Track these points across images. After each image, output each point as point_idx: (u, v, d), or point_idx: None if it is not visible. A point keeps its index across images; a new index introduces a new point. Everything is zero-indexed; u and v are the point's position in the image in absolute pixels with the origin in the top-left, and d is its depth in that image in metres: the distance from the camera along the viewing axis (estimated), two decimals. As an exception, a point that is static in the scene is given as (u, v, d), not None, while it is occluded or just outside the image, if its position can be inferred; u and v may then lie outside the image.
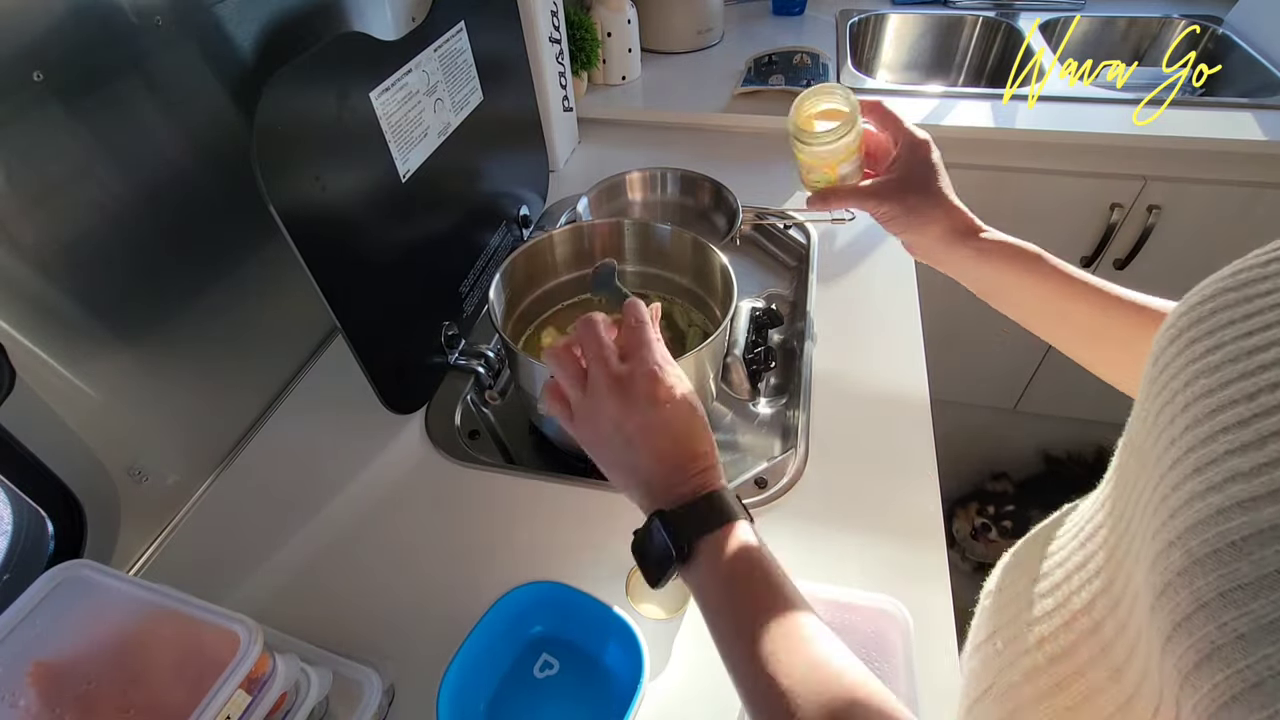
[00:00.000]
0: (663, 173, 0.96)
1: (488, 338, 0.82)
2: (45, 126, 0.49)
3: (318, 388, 0.78)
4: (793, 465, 0.66)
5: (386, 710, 0.51)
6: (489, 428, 0.76)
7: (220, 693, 0.37)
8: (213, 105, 0.62)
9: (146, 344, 0.60)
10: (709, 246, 0.70)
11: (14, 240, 0.49)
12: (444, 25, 0.70)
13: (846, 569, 0.57)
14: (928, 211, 0.52)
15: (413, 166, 0.68)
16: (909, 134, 0.53)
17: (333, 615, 0.57)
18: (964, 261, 0.52)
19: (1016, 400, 1.51)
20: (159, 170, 0.58)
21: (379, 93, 0.62)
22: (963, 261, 0.52)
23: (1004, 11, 1.44)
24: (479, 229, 0.85)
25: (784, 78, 1.19)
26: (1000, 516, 1.42)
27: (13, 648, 0.39)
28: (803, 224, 0.94)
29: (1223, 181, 1.09)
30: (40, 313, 0.51)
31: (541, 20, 0.94)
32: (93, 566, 0.43)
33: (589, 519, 0.63)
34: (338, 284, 0.58)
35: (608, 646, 0.53)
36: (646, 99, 1.25)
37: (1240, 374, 0.21)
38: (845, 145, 0.53)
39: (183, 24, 0.57)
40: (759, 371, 0.77)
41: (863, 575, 0.57)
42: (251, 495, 0.68)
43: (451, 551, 0.61)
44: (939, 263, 0.54)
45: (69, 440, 0.54)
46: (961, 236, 0.51)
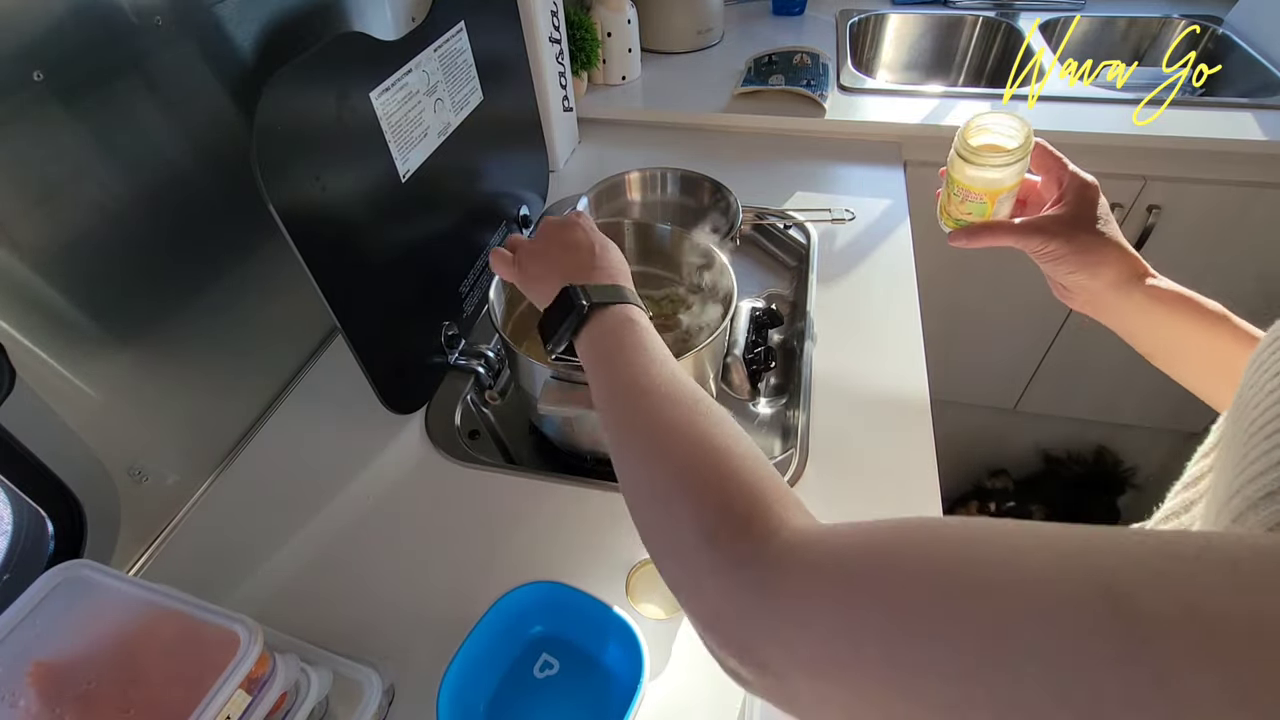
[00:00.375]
0: (662, 173, 0.96)
1: (488, 338, 0.82)
2: (45, 126, 0.49)
3: (318, 388, 0.78)
4: (793, 465, 0.66)
5: (386, 710, 0.51)
6: (489, 428, 0.76)
7: (220, 693, 0.37)
8: (213, 105, 0.62)
9: (146, 344, 0.60)
10: (709, 247, 0.70)
11: (14, 240, 0.49)
12: (444, 25, 0.70)
13: (846, 569, 0.57)
14: (1100, 251, 0.47)
15: (413, 166, 0.68)
16: (1075, 175, 0.49)
17: (333, 615, 0.57)
18: (1137, 311, 0.47)
19: (1016, 400, 1.51)
20: (159, 170, 0.58)
21: (379, 93, 0.62)
22: (1136, 311, 0.47)
23: (1004, 11, 1.44)
24: (479, 229, 0.85)
25: (784, 78, 1.19)
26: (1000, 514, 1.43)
27: (13, 648, 0.39)
28: (803, 224, 0.94)
29: (1222, 181, 1.09)
30: (40, 313, 0.51)
31: (541, 20, 0.94)
32: (93, 566, 0.43)
33: (589, 519, 0.63)
34: (338, 284, 0.58)
35: (608, 646, 0.53)
36: (646, 99, 1.25)
37: None
38: (1015, 172, 0.47)
39: (183, 24, 0.57)
40: (759, 371, 0.77)
41: (863, 575, 0.57)
42: (251, 495, 0.68)
43: (451, 551, 0.61)
44: (1105, 311, 0.50)
45: (69, 440, 0.54)
46: (1137, 282, 0.47)
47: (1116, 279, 0.47)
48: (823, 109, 1.14)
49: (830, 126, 1.14)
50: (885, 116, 1.13)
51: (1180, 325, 0.46)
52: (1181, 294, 0.46)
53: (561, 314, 0.44)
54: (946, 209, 0.51)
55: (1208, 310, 0.45)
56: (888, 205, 0.99)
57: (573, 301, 0.43)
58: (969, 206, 0.49)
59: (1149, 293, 0.46)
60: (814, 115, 1.14)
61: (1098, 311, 0.50)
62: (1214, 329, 0.45)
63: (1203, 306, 0.45)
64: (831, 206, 0.94)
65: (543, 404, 0.58)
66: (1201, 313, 0.45)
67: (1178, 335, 0.46)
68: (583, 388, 0.58)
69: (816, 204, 0.98)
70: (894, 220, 0.96)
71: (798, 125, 1.15)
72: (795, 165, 1.10)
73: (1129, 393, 1.41)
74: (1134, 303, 0.47)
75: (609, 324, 0.42)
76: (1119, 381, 1.39)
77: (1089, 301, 0.50)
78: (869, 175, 1.07)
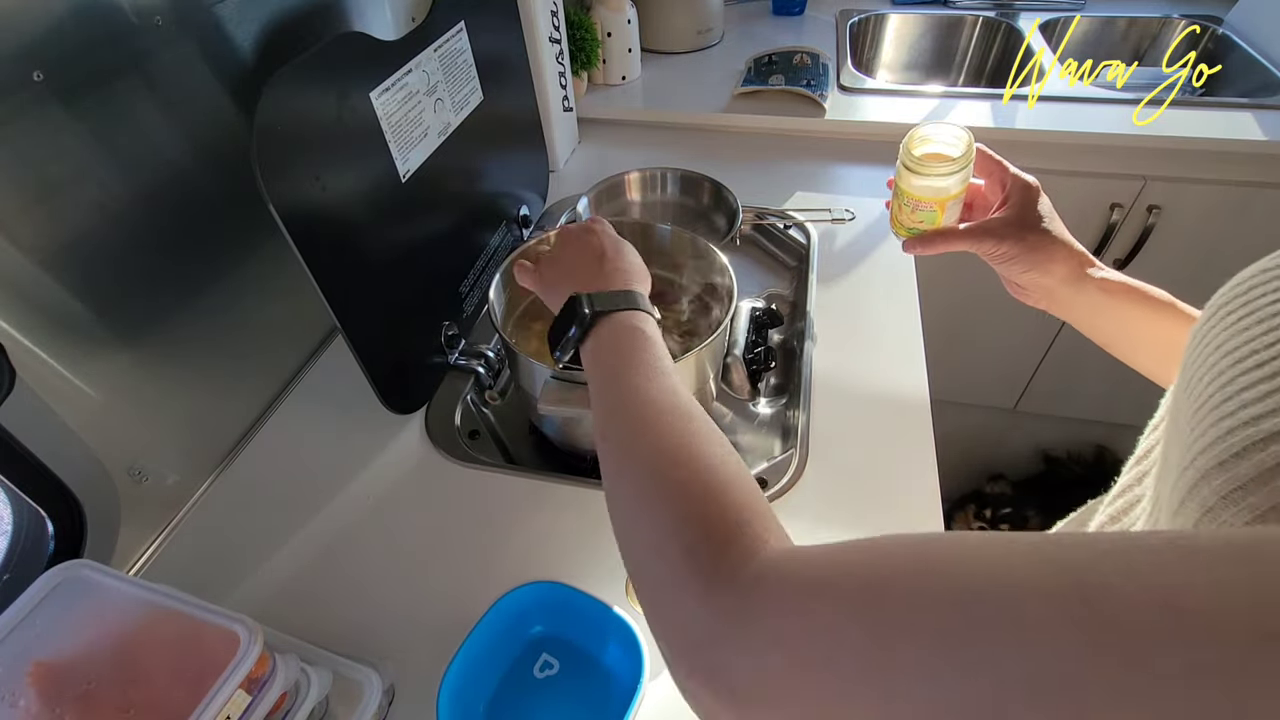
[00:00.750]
0: (662, 173, 0.96)
1: (488, 338, 0.82)
2: (45, 126, 0.49)
3: (318, 388, 0.78)
4: (793, 465, 0.66)
5: (386, 710, 0.51)
6: (489, 428, 0.76)
7: (220, 693, 0.37)
8: (213, 105, 0.62)
9: (146, 344, 0.60)
10: (709, 246, 0.70)
11: (14, 240, 0.49)
12: (444, 25, 0.70)
13: (846, 569, 0.57)
14: (1049, 248, 0.49)
15: (413, 166, 0.68)
16: (1017, 177, 0.51)
17: (333, 615, 0.57)
18: (1089, 304, 0.49)
19: (1016, 400, 1.51)
20: (159, 170, 0.58)
21: (379, 93, 0.62)
22: (1088, 304, 0.49)
23: (1004, 11, 1.44)
24: (479, 229, 0.85)
25: (784, 78, 1.19)
26: (998, 520, 1.42)
27: (13, 648, 0.39)
28: (803, 224, 0.94)
29: (1222, 181, 1.09)
30: (40, 313, 0.51)
31: (541, 20, 0.94)
32: (93, 566, 0.43)
33: (589, 519, 0.63)
34: (338, 284, 0.58)
35: (608, 646, 0.53)
36: (646, 99, 1.25)
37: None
38: (960, 179, 0.49)
39: (183, 24, 0.57)
40: (759, 371, 0.77)
41: (863, 575, 0.57)
42: (251, 495, 0.68)
43: (451, 551, 0.61)
44: (1060, 305, 0.51)
45: (69, 440, 0.54)
46: (1087, 276, 0.49)
47: (1068, 274, 0.49)
48: (823, 109, 1.14)
49: (830, 126, 1.14)
50: (885, 116, 1.13)
51: (1131, 313, 0.48)
52: (1129, 284, 0.48)
53: (566, 323, 0.44)
54: (898, 219, 0.53)
55: (1155, 298, 0.47)
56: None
57: (576, 311, 0.43)
58: (920, 215, 0.50)
59: (1100, 285, 0.48)
60: (814, 115, 1.14)
61: (1053, 306, 0.52)
62: (1162, 314, 0.47)
63: (1150, 295, 0.48)
64: (831, 206, 0.94)
65: (543, 404, 0.58)
66: (1150, 301, 0.47)
67: (1130, 323, 0.48)
68: (583, 388, 0.58)
69: (816, 204, 0.98)
70: (894, 220, 0.96)
71: (798, 125, 1.15)
72: (795, 165, 1.10)
73: (1129, 392, 1.41)
74: (1087, 295, 0.49)
75: (611, 333, 0.42)
76: (1119, 381, 1.38)
77: (1044, 297, 0.52)
78: (869, 175, 1.07)
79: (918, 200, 0.50)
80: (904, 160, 0.49)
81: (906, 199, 0.50)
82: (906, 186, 0.50)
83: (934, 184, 0.48)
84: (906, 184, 0.50)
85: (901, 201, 0.51)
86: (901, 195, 0.51)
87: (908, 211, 0.51)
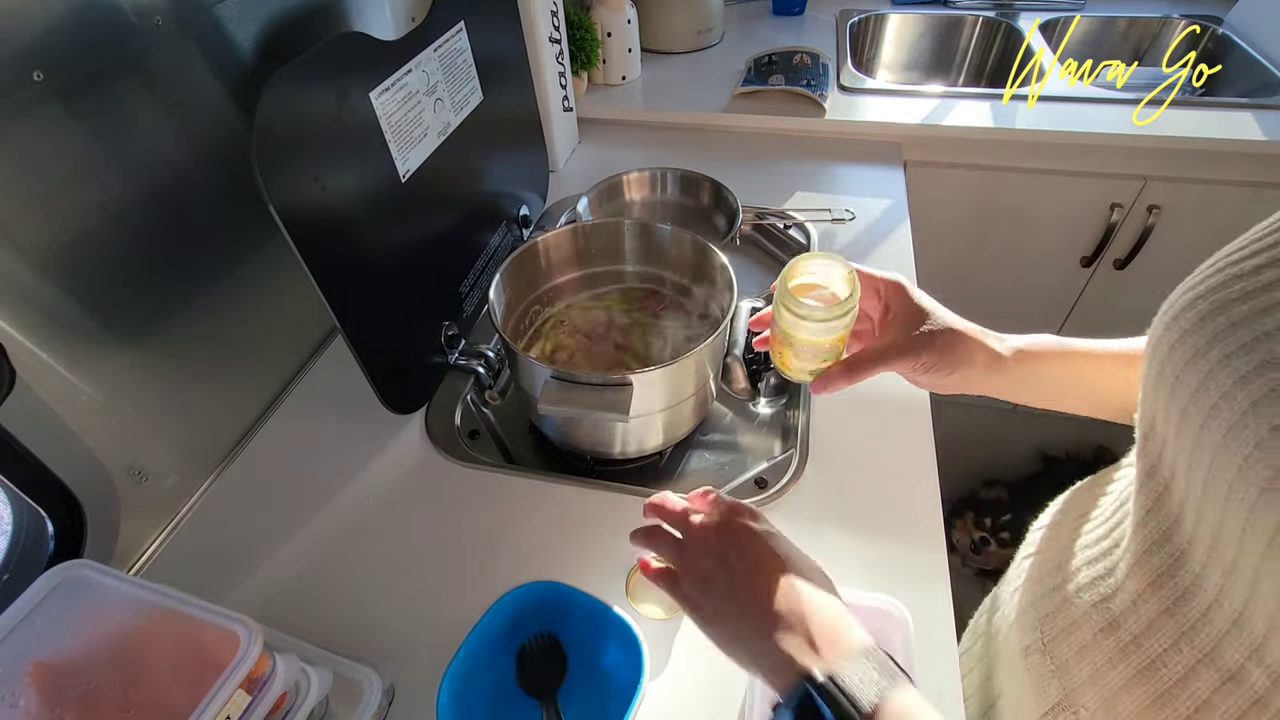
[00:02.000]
0: (662, 173, 0.96)
1: (488, 338, 0.82)
2: (45, 126, 0.49)
3: (317, 388, 0.78)
4: (793, 465, 0.66)
5: (386, 710, 0.51)
6: (489, 428, 0.76)
7: (220, 693, 0.37)
8: (213, 105, 0.62)
9: (146, 344, 0.60)
10: (709, 246, 0.70)
11: (14, 240, 0.49)
12: (444, 25, 0.70)
13: (846, 569, 0.57)
14: (963, 342, 0.46)
15: (412, 166, 0.68)
16: (886, 280, 0.48)
17: (333, 615, 0.57)
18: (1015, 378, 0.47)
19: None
20: (159, 170, 0.58)
21: (379, 93, 0.62)
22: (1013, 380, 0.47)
23: (1004, 11, 1.44)
24: (479, 229, 0.85)
25: (784, 78, 1.19)
26: (998, 528, 1.42)
27: (13, 648, 0.39)
28: (803, 224, 0.94)
29: (1222, 181, 1.09)
30: (40, 313, 0.51)
31: (541, 20, 0.94)
32: (93, 566, 0.43)
33: (589, 519, 0.63)
34: (337, 284, 0.58)
35: (608, 646, 0.53)
36: (646, 99, 1.25)
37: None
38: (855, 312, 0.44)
39: (183, 24, 0.57)
40: (759, 371, 0.77)
41: (862, 575, 0.57)
42: (252, 495, 0.68)
43: (451, 551, 0.61)
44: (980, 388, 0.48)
45: (69, 440, 0.54)
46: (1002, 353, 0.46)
47: (989, 360, 0.46)
48: (823, 109, 1.14)
49: (830, 126, 1.14)
50: (885, 116, 1.13)
51: (1051, 372, 0.47)
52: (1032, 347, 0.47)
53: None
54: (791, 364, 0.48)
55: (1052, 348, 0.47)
56: (888, 205, 0.99)
57: (825, 715, 0.31)
58: (822, 357, 0.46)
59: (1018, 358, 0.46)
60: (814, 115, 1.14)
61: (971, 389, 0.48)
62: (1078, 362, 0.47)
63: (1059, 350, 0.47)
64: (831, 206, 0.94)
65: (543, 404, 0.58)
66: (1063, 355, 0.47)
67: (1052, 381, 0.47)
68: (583, 388, 0.58)
69: (816, 204, 0.98)
70: (894, 220, 0.96)
71: (798, 125, 1.15)
72: (795, 165, 1.10)
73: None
74: (1009, 374, 0.46)
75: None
76: (1119, 381, 1.38)
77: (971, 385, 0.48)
78: (869, 175, 1.07)
79: (818, 345, 0.45)
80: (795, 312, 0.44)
81: (804, 346, 0.46)
82: (804, 336, 0.45)
83: (833, 325, 0.44)
84: (802, 333, 0.45)
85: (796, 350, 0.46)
86: (796, 343, 0.46)
87: (808, 357, 0.47)
